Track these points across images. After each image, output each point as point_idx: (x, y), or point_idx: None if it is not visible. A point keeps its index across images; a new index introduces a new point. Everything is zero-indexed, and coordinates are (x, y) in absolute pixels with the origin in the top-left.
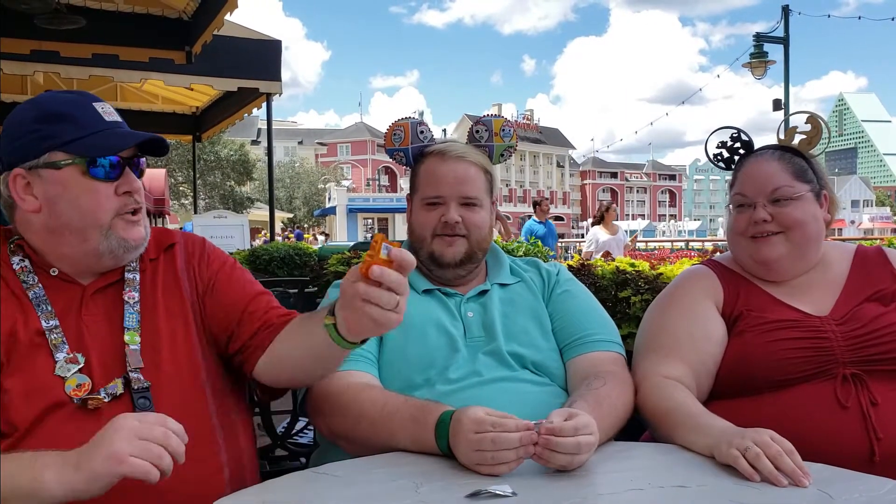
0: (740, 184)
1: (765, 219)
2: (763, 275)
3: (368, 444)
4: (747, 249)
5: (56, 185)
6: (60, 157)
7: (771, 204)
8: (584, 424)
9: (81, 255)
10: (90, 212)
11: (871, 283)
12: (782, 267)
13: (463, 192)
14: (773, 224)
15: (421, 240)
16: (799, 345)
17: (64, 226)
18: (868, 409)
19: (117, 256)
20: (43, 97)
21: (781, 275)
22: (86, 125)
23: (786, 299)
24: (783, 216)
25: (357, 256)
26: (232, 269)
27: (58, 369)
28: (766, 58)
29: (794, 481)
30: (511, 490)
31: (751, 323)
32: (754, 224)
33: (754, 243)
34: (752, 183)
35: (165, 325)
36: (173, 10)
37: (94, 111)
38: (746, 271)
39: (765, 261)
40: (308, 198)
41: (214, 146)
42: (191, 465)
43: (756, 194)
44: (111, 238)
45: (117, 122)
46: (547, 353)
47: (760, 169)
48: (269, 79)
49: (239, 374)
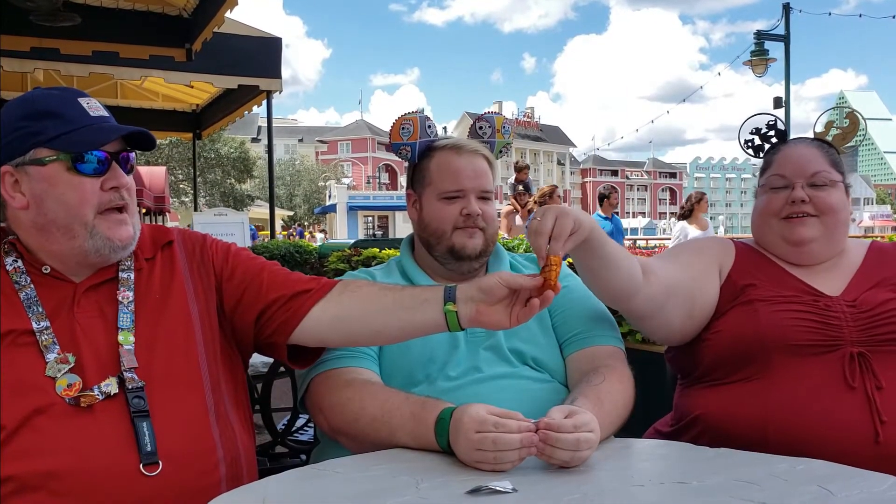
0: (778, 165)
1: (803, 199)
2: (793, 257)
3: (369, 441)
4: (780, 230)
5: (42, 182)
6: (45, 153)
7: (809, 187)
8: (583, 422)
9: (69, 251)
10: (75, 207)
11: (883, 272)
12: (813, 250)
13: (482, 185)
14: (809, 206)
15: (440, 234)
16: (809, 317)
17: (51, 222)
18: (873, 393)
19: (104, 256)
20: (30, 94)
21: (811, 257)
22: (70, 121)
23: (801, 277)
24: (820, 200)
25: (357, 254)
26: (238, 252)
27: (48, 370)
28: (767, 55)
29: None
30: (511, 486)
31: (763, 294)
32: (791, 204)
33: (789, 224)
34: (792, 165)
35: (163, 324)
36: (174, 8)
37: (79, 107)
38: (769, 251)
39: (800, 240)
40: (308, 195)
41: (215, 144)
42: (186, 462)
43: (795, 175)
44: (96, 237)
45: (103, 117)
46: (547, 349)
47: (800, 152)
48: (270, 76)
49: (244, 367)
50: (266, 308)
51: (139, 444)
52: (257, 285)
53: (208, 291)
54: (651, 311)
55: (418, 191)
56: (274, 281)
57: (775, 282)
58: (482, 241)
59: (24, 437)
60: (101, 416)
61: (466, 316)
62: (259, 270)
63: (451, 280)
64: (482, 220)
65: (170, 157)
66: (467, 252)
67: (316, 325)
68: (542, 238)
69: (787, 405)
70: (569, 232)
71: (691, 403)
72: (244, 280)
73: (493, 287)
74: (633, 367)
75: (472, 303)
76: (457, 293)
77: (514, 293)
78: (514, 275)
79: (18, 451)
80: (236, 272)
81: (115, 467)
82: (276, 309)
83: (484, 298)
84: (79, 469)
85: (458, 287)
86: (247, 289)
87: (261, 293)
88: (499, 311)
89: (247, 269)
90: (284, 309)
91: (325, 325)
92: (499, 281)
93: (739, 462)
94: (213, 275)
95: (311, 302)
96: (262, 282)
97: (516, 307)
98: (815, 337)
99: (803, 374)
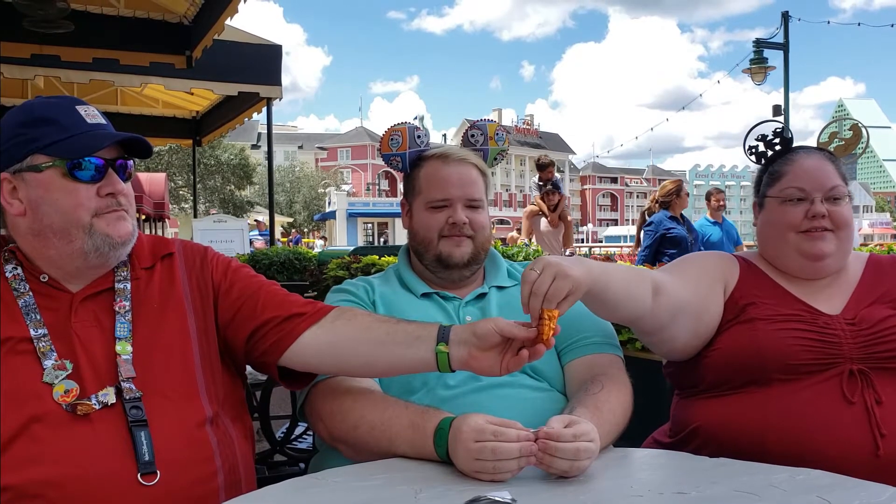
0: (794, 178)
1: (823, 214)
2: (808, 271)
3: (368, 450)
4: (797, 244)
5: (38, 188)
6: (42, 159)
7: (827, 201)
8: (583, 432)
9: (67, 257)
10: (71, 212)
11: (882, 288)
12: (829, 265)
13: (468, 193)
14: (827, 220)
15: (427, 242)
16: (808, 336)
17: (47, 228)
18: (873, 407)
19: (103, 254)
20: (29, 102)
21: (825, 271)
22: (66, 127)
23: (800, 296)
24: (837, 215)
25: (357, 261)
26: (238, 268)
27: (45, 376)
28: (766, 63)
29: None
30: (510, 497)
31: (763, 312)
32: (811, 218)
33: (809, 238)
34: (811, 178)
35: (161, 334)
36: (174, 15)
37: (76, 114)
38: (772, 266)
39: (820, 254)
40: (308, 202)
41: (215, 150)
42: (183, 471)
43: (815, 189)
44: (95, 236)
45: (100, 124)
46: (545, 357)
47: (816, 164)
48: (270, 83)
49: (241, 377)
50: (259, 327)
51: (137, 454)
52: (253, 303)
53: (206, 303)
54: (657, 329)
55: (410, 200)
56: (270, 301)
57: (775, 300)
58: (470, 249)
59: (21, 445)
60: (99, 425)
61: (458, 359)
62: (257, 289)
63: (443, 287)
64: (470, 228)
65: (170, 163)
66: (454, 260)
67: (306, 350)
68: (538, 300)
69: (786, 417)
70: (564, 295)
71: (689, 415)
72: (241, 296)
73: (488, 334)
74: (632, 375)
75: (465, 346)
76: (451, 334)
77: (508, 341)
78: (510, 324)
79: (16, 460)
80: (234, 288)
81: (112, 476)
82: (268, 329)
83: (477, 343)
84: (76, 478)
85: (453, 328)
86: (242, 306)
87: (255, 312)
88: (490, 357)
89: (245, 286)
90: (277, 330)
91: (315, 350)
92: (494, 328)
93: (739, 472)
94: (211, 287)
95: (304, 326)
96: (259, 300)
97: (507, 355)
98: (814, 356)
99: (802, 388)
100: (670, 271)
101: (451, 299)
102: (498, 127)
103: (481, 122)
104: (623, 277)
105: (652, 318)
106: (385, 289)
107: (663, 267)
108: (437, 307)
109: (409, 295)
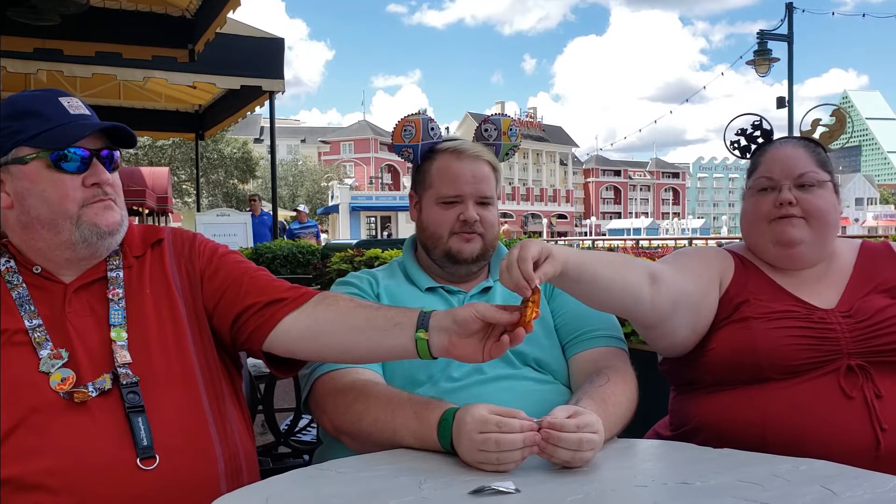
0: (765, 167)
1: (790, 201)
2: (783, 261)
3: (372, 441)
4: (768, 234)
5: (23, 180)
6: (26, 151)
7: (796, 188)
8: (587, 423)
9: (56, 248)
10: (57, 203)
11: (876, 276)
12: (804, 253)
13: (480, 191)
14: (796, 208)
15: (437, 238)
16: (804, 333)
17: (34, 220)
18: (873, 401)
19: (91, 244)
20: (13, 96)
21: (801, 261)
22: (49, 119)
23: (793, 291)
24: (807, 202)
25: (360, 255)
26: (226, 254)
27: (41, 366)
28: (770, 55)
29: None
30: (514, 487)
31: (757, 310)
32: (779, 206)
33: (778, 225)
34: (779, 166)
35: (154, 321)
36: (176, 9)
37: (59, 105)
38: (760, 259)
39: (790, 241)
40: (311, 196)
41: (217, 144)
42: (183, 456)
43: (782, 177)
44: (83, 226)
45: (83, 115)
46: (549, 350)
47: (787, 153)
48: (272, 77)
49: (237, 366)
50: (241, 313)
51: (135, 439)
52: (236, 289)
53: (195, 290)
54: (657, 321)
55: (419, 193)
56: (253, 287)
57: (768, 296)
58: (480, 246)
59: (20, 436)
60: (97, 412)
61: (438, 345)
62: (241, 274)
63: (451, 281)
64: (480, 225)
65: (173, 157)
66: (463, 257)
67: (286, 336)
68: (528, 263)
69: (786, 414)
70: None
71: (689, 411)
72: (225, 282)
73: (468, 319)
74: (635, 367)
75: (445, 333)
76: (430, 321)
77: (489, 327)
78: (489, 307)
79: (15, 451)
80: (218, 274)
81: (111, 463)
82: (249, 315)
83: (458, 330)
84: (76, 466)
85: (433, 315)
86: (226, 291)
87: (238, 298)
88: (472, 344)
89: (229, 271)
90: (258, 316)
91: (295, 336)
92: (474, 313)
93: (742, 462)
94: (198, 274)
95: (284, 311)
96: (242, 286)
97: (489, 341)
98: (812, 354)
99: (800, 384)
100: (669, 262)
101: (456, 293)
102: (512, 122)
103: (495, 116)
104: (610, 260)
105: (652, 309)
106: (390, 282)
107: (662, 258)
108: (443, 301)
109: (413, 288)
